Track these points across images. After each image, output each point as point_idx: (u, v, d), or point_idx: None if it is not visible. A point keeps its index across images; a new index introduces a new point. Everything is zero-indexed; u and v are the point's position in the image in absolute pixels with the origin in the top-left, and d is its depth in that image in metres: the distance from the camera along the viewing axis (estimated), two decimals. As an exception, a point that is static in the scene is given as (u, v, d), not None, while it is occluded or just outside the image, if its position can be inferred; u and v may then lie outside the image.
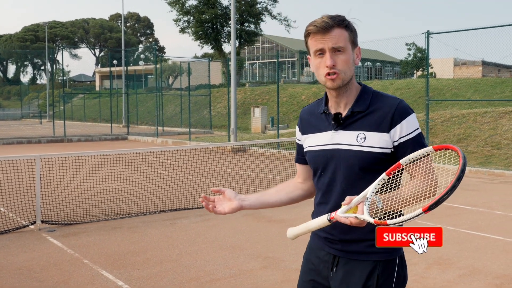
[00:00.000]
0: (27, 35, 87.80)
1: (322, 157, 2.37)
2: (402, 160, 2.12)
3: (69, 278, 5.88)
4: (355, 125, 2.30)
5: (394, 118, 2.25)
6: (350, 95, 2.35)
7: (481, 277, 5.81)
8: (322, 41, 2.24)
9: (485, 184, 12.68)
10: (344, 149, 2.30)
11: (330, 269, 2.41)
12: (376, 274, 2.32)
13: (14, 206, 9.00)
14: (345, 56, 2.25)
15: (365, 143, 2.26)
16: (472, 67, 45.05)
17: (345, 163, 2.29)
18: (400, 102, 2.29)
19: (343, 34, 2.25)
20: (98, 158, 11.29)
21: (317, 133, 2.42)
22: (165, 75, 57.70)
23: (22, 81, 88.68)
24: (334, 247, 2.39)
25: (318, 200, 2.44)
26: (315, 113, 2.47)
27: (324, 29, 2.22)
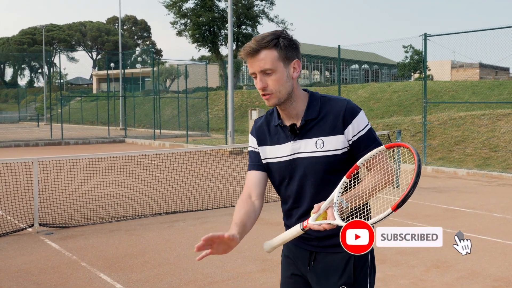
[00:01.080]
0: (25, 38, 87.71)
1: (287, 167, 2.47)
2: (358, 162, 2.30)
3: (67, 281, 5.86)
4: (311, 132, 2.42)
5: (345, 119, 2.38)
6: (297, 105, 2.45)
7: (480, 280, 5.81)
8: (252, 65, 2.35)
9: (483, 186, 12.69)
10: (307, 157, 2.41)
11: (308, 265, 2.53)
12: (352, 262, 2.45)
13: (12, 209, 8.97)
14: (275, 76, 2.33)
15: (324, 147, 2.39)
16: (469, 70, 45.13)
17: (310, 169, 2.41)
18: (348, 102, 2.44)
19: (270, 55, 2.32)
20: (95, 161, 11.27)
21: (276, 145, 2.50)
22: (162, 78, 57.67)
23: (19, 84, 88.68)
24: (310, 244, 2.51)
25: (290, 205, 2.55)
26: (270, 125, 2.55)
27: (251, 53, 2.32)
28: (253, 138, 2.63)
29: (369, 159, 2.30)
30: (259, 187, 2.59)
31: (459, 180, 13.74)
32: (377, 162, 2.33)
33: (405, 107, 26.49)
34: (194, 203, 10.08)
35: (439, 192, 11.70)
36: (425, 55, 16.80)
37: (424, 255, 6.69)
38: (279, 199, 2.68)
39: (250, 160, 2.64)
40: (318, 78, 66.77)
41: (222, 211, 9.68)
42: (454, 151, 16.81)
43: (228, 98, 22.46)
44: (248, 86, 50.39)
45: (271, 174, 2.56)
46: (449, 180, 13.74)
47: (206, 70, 33.04)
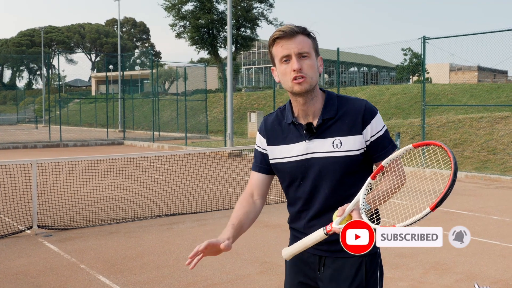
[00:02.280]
0: (23, 40, 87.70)
1: (300, 167, 2.40)
2: (383, 162, 2.24)
3: (66, 283, 5.86)
4: (328, 132, 2.37)
5: (364, 119, 2.36)
6: (316, 103, 2.40)
7: (478, 282, 5.81)
8: (288, 47, 2.30)
9: (481, 189, 12.71)
10: (323, 157, 2.35)
11: (318, 270, 2.46)
12: (363, 268, 2.41)
13: (10, 211, 8.97)
14: (310, 61, 2.32)
15: (342, 148, 2.34)
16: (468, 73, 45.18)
17: (327, 170, 2.35)
18: (366, 102, 2.41)
19: (307, 41, 2.32)
20: (94, 163, 11.28)
21: (288, 145, 2.43)
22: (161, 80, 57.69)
23: (18, 86, 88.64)
24: (320, 248, 2.43)
25: (299, 207, 2.46)
26: (282, 123, 2.48)
27: (290, 34, 2.29)
28: (261, 138, 2.56)
29: (394, 159, 2.25)
30: (261, 188, 2.57)
31: (457, 182, 13.67)
32: (392, 165, 2.30)
33: (403, 110, 26.52)
34: (193, 205, 10.08)
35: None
36: (424, 58, 16.83)
37: (422, 257, 6.70)
38: (279, 201, 2.66)
39: (255, 160, 2.59)
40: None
41: (221, 213, 9.69)
42: (452, 153, 16.83)
43: (227, 101, 22.47)
44: (247, 89, 50.44)
45: (281, 175, 2.50)
46: (448, 182, 13.74)
47: (205, 72, 33.05)
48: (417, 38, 16.87)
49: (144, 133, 37.38)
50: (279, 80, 2.40)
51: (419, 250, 6.99)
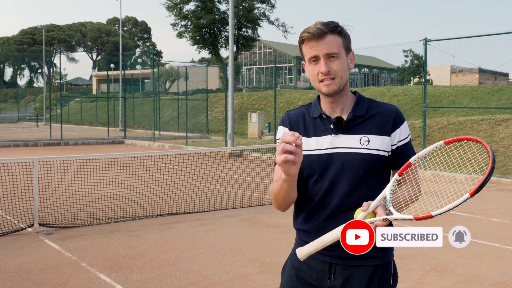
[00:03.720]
0: (25, 38, 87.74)
1: (321, 161, 2.33)
2: (412, 158, 2.23)
3: (67, 281, 5.88)
4: (357, 128, 2.33)
5: (395, 122, 2.34)
6: (346, 100, 2.38)
7: (478, 284, 5.83)
8: (316, 48, 2.26)
9: (482, 191, 12.62)
10: (348, 153, 2.30)
11: (328, 278, 2.35)
12: (376, 278, 2.33)
13: (12, 209, 8.99)
14: (339, 62, 2.28)
15: (369, 145, 2.30)
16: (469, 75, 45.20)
17: (350, 166, 2.29)
18: (397, 108, 2.41)
19: (336, 41, 2.28)
20: (95, 161, 11.30)
21: (311, 137, 2.37)
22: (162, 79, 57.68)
23: (19, 84, 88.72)
24: (330, 254, 2.33)
25: (314, 205, 2.36)
26: (306, 117, 2.44)
27: (318, 35, 2.25)
28: (284, 128, 2.46)
29: (424, 157, 2.22)
30: None
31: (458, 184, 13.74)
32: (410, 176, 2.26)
33: (404, 111, 26.53)
34: (193, 204, 10.10)
35: (438, 196, 11.70)
36: (425, 60, 16.84)
37: (422, 259, 6.72)
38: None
39: None
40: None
41: (221, 213, 9.70)
42: (453, 155, 16.84)
43: (228, 100, 22.49)
44: (248, 89, 50.45)
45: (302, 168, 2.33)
46: (447, 184, 13.75)
47: (206, 72, 33.09)
48: (419, 40, 16.89)
49: (144, 132, 37.40)
50: (308, 77, 2.38)
51: (419, 252, 7.01)
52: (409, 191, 2.24)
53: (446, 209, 2.01)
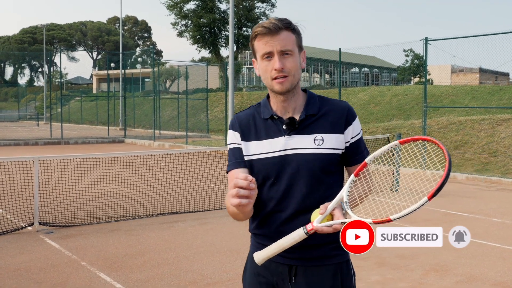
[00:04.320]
0: (25, 37, 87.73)
1: (275, 164, 2.26)
2: (367, 159, 2.19)
3: (67, 280, 5.87)
4: (310, 128, 2.28)
5: (347, 119, 2.30)
6: (298, 99, 2.32)
7: (479, 284, 5.82)
8: (270, 44, 2.20)
9: (482, 191, 12.71)
10: (303, 153, 2.24)
11: (289, 281, 2.30)
12: (339, 276, 2.31)
13: (12, 208, 8.98)
14: (293, 59, 2.23)
15: (323, 145, 2.25)
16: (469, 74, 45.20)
17: (305, 167, 2.24)
18: (349, 104, 2.37)
19: (290, 37, 2.23)
20: (96, 160, 11.27)
21: (263, 140, 2.30)
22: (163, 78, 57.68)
23: (19, 83, 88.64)
24: (290, 256, 2.28)
25: (270, 209, 2.29)
26: (257, 119, 2.36)
27: (273, 31, 2.19)
28: (234, 133, 2.38)
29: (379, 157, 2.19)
30: None
31: (458, 184, 13.75)
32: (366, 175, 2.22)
33: (404, 111, 26.53)
34: (193, 204, 10.09)
35: (438, 197, 11.56)
36: (426, 59, 16.82)
37: (423, 258, 6.71)
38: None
39: (234, 158, 2.36)
40: (318, 80, 66.83)
41: (221, 212, 9.69)
42: (453, 155, 16.83)
43: (228, 100, 22.48)
44: (248, 88, 50.45)
45: (253, 173, 2.31)
46: (448, 184, 13.70)
47: (206, 71, 33.06)
48: (419, 40, 16.87)
49: (145, 131, 37.38)
50: (259, 74, 2.31)
51: (419, 251, 7.00)
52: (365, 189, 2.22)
53: (405, 213, 2.00)
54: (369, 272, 6.18)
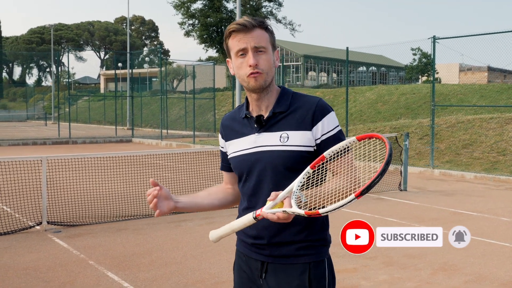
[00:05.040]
0: (33, 37, 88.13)
1: (246, 161, 2.33)
2: (325, 152, 2.15)
3: (75, 279, 5.89)
4: (278, 125, 2.30)
5: (315, 115, 2.27)
6: (271, 97, 2.34)
7: (487, 284, 5.79)
8: (244, 41, 2.24)
9: (491, 190, 12.65)
10: (269, 151, 2.28)
11: (259, 277, 2.36)
12: (306, 277, 2.28)
13: (20, 207, 9.02)
14: (266, 56, 2.26)
15: (288, 142, 2.26)
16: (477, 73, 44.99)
17: (271, 164, 2.27)
18: (319, 100, 2.32)
19: (264, 35, 2.27)
20: (103, 160, 11.30)
21: (239, 138, 2.38)
22: (170, 78, 57.79)
23: (27, 82, 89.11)
24: (262, 253, 2.34)
25: (245, 205, 2.39)
26: (237, 118, 2.44)
27: (247, 28, 2.24)
28: (220, 136, 2.54)
29: (337, 152, 2.15)
30: (232, 180, 2.56)
31: (466, 183, 13.69)
32: (344, 165, 2.18)
33: (412, 110, 26.43)
34: (201, 203, 10.07)
35: (447, 196, 11.67)
36: (434, 58, 16.76)
37: (431, 258, 6.68)
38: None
39: (222, 160, 2.57)
40: (326, 80, 66.73)
41: (229, 211, 9.67)
42: (461, 154, 16.76)
43: (235, 99, 22.48)
44: (255, 87, 50.33)
45: (234, 170, 2.45)
46: (457, 183, 13.70)
47: (213, 70, 33.08)
48: (427, 38, 16.83)
49: (152, 131, 37.45)
50: (233, 73, 2.34)
51: (427, 251, 6.97)
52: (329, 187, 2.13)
53: (332, 208, 1.97)
54: (376, 271, 6.16)
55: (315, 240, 2.33)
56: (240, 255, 2.49)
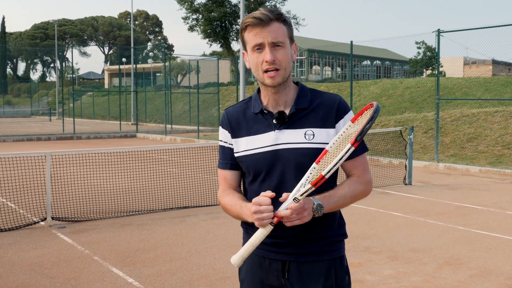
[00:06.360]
0: (37, 32, 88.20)
1: (266, 159, 2.23)
2: (327, 146, 2.13)
3: (79, 275, 5.89)
4: (300, 122, 2.23)
5: (338, 112, 2.24)
6: (289, 92, 2.28)
7: (493, 278, 5.77)
8: (261, 35, 2.15)
9: (496, 184, 12.60)
10: (293, 148, 2.21)
11: (282, 277, 2.26)
12: (333, 272, 2.27)
13: (24, 203, 9.03)
14: (284, 51, 2.18)
15: (314, 139, 2.21)
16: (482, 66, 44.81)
17: (295, 162, 2.20)
18: (341, 97, 2.30)
19: (281, 29, 2.18)
20: (107, 155, 11.31)
21: (254, 135, 2.27)
22: (174, 73, 57.79)
23: (31, 78, 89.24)
24: (284, 252, 2.26)
25: None
26: (247, 113, 2.33)
27: (264, 22, 2.15)
28: (224, 131, 2.39)
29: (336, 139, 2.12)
30: (234, 186, 2.41)
31: (471, 177, 13.65)
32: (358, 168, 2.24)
33: (417, 104, 26.35)
34: (205, 198, 10.09)
35: (452, 189, 11.63)
36: (438, 51, 16.68)
37: (436, 252, 6.66)
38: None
39: (223, 157, 2.40)
40: (330, 74, 66.58)
41: (233, 206, 9.67)
42: (466, 148, 16.70)
43: (239, 94, 22.46)
44: (259, 82, 50.29)
45: (245, 169, 2.32)
46: (462, 177, 13.66)
47: (217, 65, 33.03)
48: (432, 31, 16.73)
49: (156, 126, 37.49)
50: (249, 66, 2.27)
51: (432, 245, 6.95)
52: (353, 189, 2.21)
53: (333, 164, 1.98)
54: (381, 266, 6.14)
55: (336, 235, 2.32)
56: (253, 258, 2.32)
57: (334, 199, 2.15)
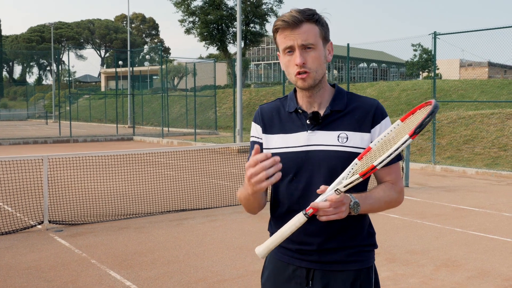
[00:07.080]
0: (33, 36, 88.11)
1: (296, 159, 2.17)
2: (371, 143, 2.07)
3: (77, 278, 5.88)
4: (335, 124, 2.18)
5: (375, 117, 2.18)
6: (323, 94, 2.23)
7: (490, 279, 5.78)
8: (291, 38, 2.10)
9: (492, 185, 12.63)
10: (325, 150, 2.14)
11: (306, 285, 2.20)
12: (358, 284, 2.20)
13: (21, 206, 9.02)
14: (315, 53, 2.12)
15: (347, 143, 2.14)
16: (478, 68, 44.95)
17: (326, 164, 2.13)
18: (378, 102, 2.23)
19: (313, 30, 2.12)
20: (104, 158, 11.30)
21: (286, 134, 2.22)
22: (171, 76, 57.76)
23: (28, 81, 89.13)
24: (309, 259, 2.19)
25: (289, 205, 2.20)
26: (281, 112, 2.28)
27: (293, 24, 2.09)
28: (256, 126, 2.32)
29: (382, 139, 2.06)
30: None
31: (468, 179, 13.68)
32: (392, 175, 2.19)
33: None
34: (202, 201, 10.08)
35: (448, 191, 11.65)
36: (435, 54, 16.72)
37: (433, 254, 6.67)
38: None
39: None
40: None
41: (230, 209, 9.68)
42: (463, 150, 16.74)
43: (236, 96, 22.47)
44: (256, 85, 50.42)
45: None
46: (458, 179, 13.69)
47: (214, 68, 33.04)
48: (428, 34, 16.79)
49: (153, 129, 37.45)
50: (284, 68, 2.21)
51: (430, 247, 6.96)
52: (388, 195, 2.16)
53: (389, 153, 1.88)
54: (379, 268, 6.12)
55: (365, 245, 2.25)
56: (276, 263, 2.28)
57: (370, 201, 2.09)
